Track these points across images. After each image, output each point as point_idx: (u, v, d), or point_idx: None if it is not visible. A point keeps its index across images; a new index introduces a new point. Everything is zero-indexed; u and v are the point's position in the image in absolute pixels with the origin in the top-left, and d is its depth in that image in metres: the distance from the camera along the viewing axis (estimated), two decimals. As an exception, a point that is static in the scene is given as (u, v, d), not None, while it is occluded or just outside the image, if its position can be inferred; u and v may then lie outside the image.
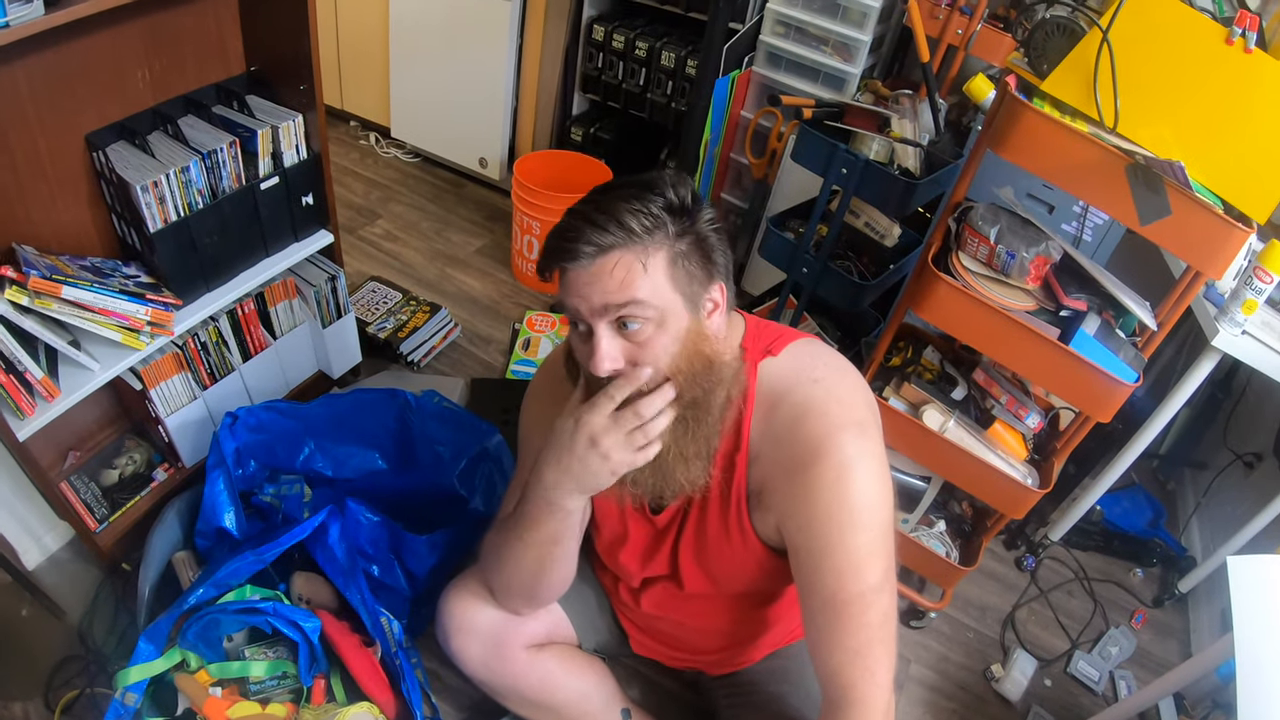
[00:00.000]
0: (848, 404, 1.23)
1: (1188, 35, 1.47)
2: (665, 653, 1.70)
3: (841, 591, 1.18)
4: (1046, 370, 1.74)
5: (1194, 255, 1.57)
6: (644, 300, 1.09)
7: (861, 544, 1.17)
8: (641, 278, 1.09)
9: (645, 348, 1.13)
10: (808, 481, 1.18)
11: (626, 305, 1.09)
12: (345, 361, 2.53)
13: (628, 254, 1.09)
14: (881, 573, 1.19)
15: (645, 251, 1.10)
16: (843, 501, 1.17)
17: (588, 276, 1.09)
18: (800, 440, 1.19)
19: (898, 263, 2.42)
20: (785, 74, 2.82)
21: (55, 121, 1.69)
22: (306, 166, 2.04)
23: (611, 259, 1.09)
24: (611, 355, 1.12)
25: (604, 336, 1.12)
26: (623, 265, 1.09)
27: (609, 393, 1.15)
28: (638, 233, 1.09)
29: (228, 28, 1.94)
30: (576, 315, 1.14)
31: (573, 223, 1.11)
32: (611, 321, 1.11)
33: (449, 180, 3.86)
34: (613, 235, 1.08)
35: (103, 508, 2.02)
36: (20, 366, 1.60)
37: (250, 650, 1.67)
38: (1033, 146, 1.57)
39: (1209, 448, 2.65)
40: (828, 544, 1.18)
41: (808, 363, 1.28)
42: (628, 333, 1.12)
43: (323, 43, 1.92)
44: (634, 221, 1.09)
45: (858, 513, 1.17)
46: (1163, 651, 2.29)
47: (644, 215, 1.10)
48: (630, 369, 1.14)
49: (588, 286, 1.10)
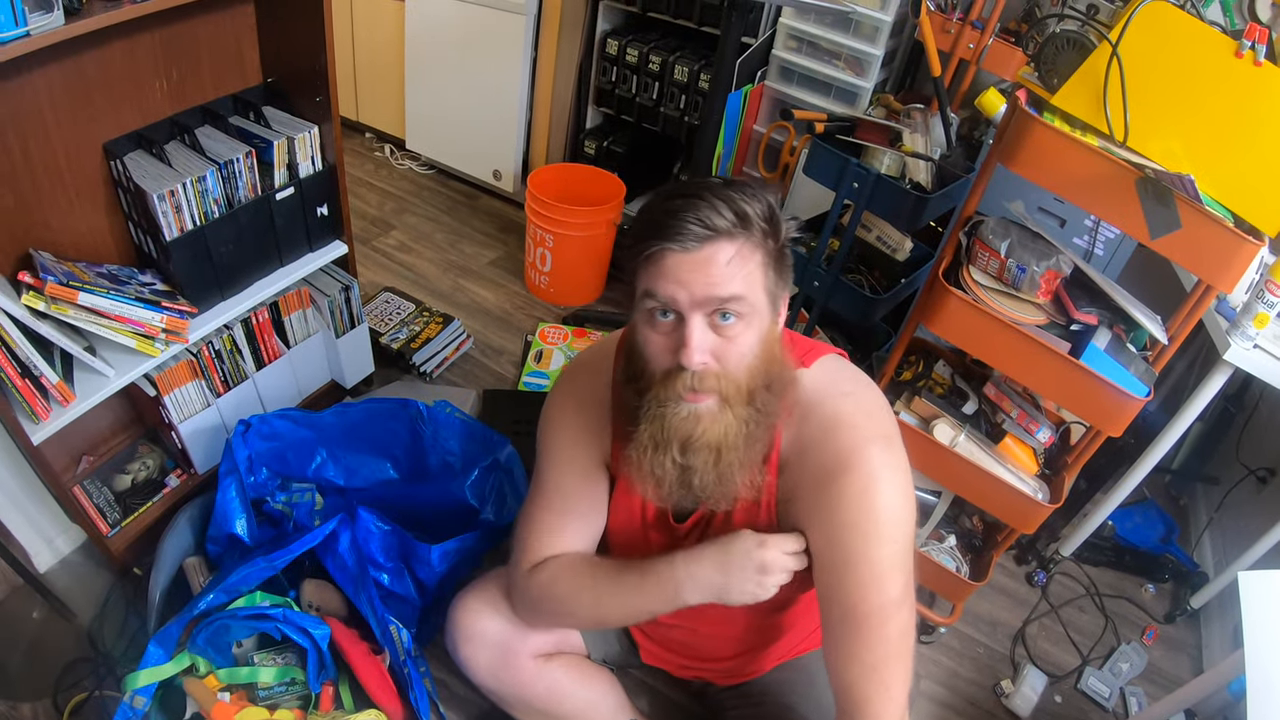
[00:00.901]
0: (877, 418, 1.25)
1: (1197, 48, 1.47)
2: (675, 662, 1.70)
3: (863, 603, 1.18)
4: (1057, 384, 1.74)
5: (1205, 269, 1.56)
6: (745, 296, 1.08)
7: (884, 556, 1.18)
8: (748, 272, 1.08)
9: (733, 343, 1.11)
10: (836, 492, 1.19)
11: (730, 300, 1.07)
12: (358, 371, 2.54)
13: (737, 243, 1.07)
14: (902, 587, 1.20)
15: (752, 245, 1.09)
16: (869, 513, 1.18)
17: (692, 262, 1.06)
18: (830, 452, 1.21)
19: (909, 277, 2.42)
20: (797, 88, 2.83)
21: (74, 130, 1.71)
22: (322, 177, 2.05)
23: (723, 246, 1.06)
24: (703, 348, 1.09)
25: (698, 328, 1.09)
26: (733, 255, 1.07)
27: (798, 536, 1.23)
28: (752, 222, 1.08)
29: (245, 39, 1.96)
30: (670, 303, 1.09)
31: (679, 204, 1.07)
32: (708, 314, 1.09)
33: (463, 192, 3.89)
34: (727, 220, 1.06)
35: (115, 512, 2.03)
36: (36, 371, 1.62)
37: (259, 656, 1.68)
38: (1043, 160, 1.57)
39: (1221, 463, 2.64)
40: (851, 555, 1.18)
41: (836, 376, 1.30)
42: (722, 326, 1.10)
43: (339, 55, 1.94)
44: (751, 210, 1.08)
45: (883, 525, 1.18)
46: (1174, 668, 2.28)
47: (757, 207, 1.09)
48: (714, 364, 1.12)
49: (691, 273, 1.06)
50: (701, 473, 1.18)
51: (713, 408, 1.14)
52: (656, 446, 1.17)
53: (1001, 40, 2.48)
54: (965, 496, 1.97)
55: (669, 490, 1.21)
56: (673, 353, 1.11)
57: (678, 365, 1.11)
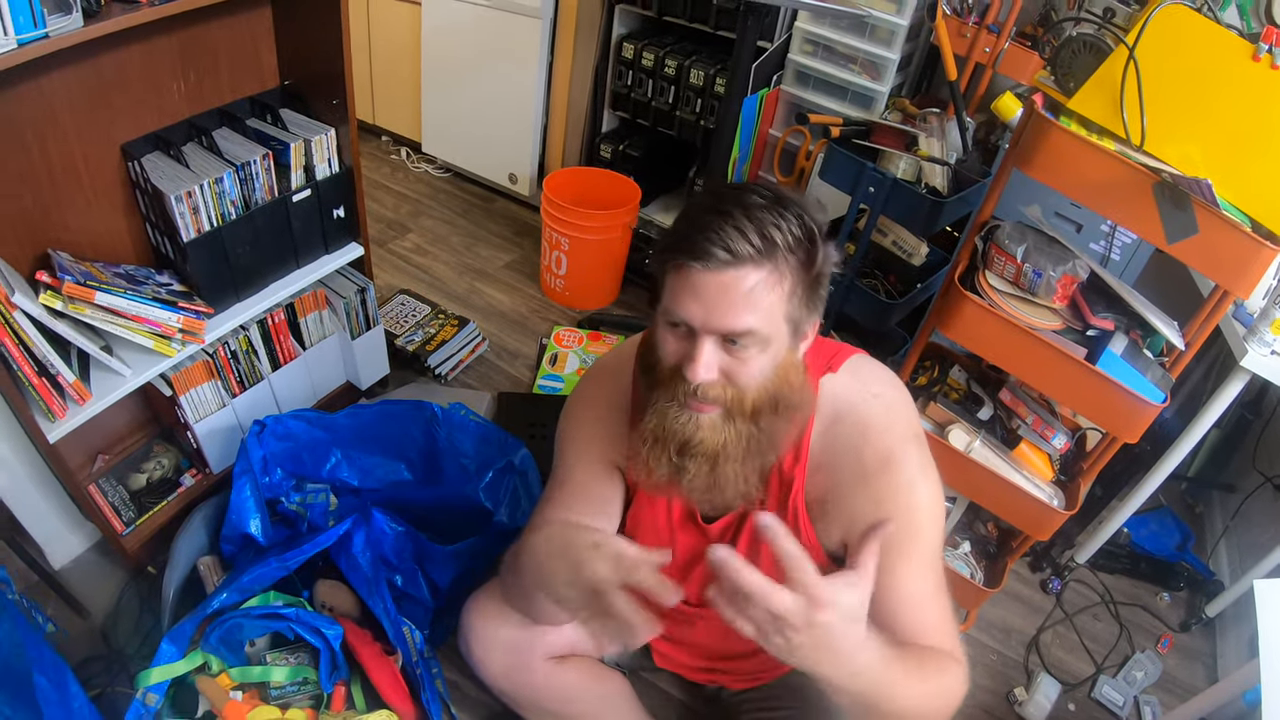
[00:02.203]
0: (906, 418, 1.28)
1: (1214, 52, 1.46)
2: (690, 665, 1.69)
3: (920, 588, 1.21)
4: (1073, 390, 1.73)
5: (1222, 274, 1.55)
6: (758, 329, 1.06)
7: (924, 551, 1.22)
8: (764, 304, 1.05)
9: (744, 365, 1.09)
10: (880, 489, 1.22)
11: (744, 333, 1.06)
12: (373, 373, 2.55)
13: (760, 273, 1.04)
14: (938, 580, 1.23)
15: (778, 274, 1.05)
16: (913, 510, 1.21)
17: (714, 285, 1.04)
18: (869, 451, 1.23)
19: (925, 281, 2.42)
20: (813, 92, 2.83)
21: (92, 131, 1.72)
22: (338, 180, 2.06)
23: (745, 274, 1.03)
24: (710, 366, 1.08)
25: (707, 348, 1.08)
26: (752, 285, 1.04)
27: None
28: (780, 249, 1.05)
29: (262, 42, 1.97)
30: (686, 320, 1.07)
31: (711, 219, 1.04)
32: (718, 336, 1.08)
33: (479, 195, 3.90)
34: (753, 247, 1.03)
35: (130, 511, 2.05)
36: (53, 369, 1.63)
37: (272, 655, 1.68)
38: (1059, 165, 1.57)
39: (1238, 470, 2.62)
40: (903, 543, 1.20)
41: (866, 377, 1.31)
42: (732, 348, 1.08)
43: (356, 58, 1.94)
44: (779, 237, 1.04)
45: (924, 522, 1.22)
46: (1189, 677, 2.26)
47: (787, 234, 1.05)
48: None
49: (711, 297, 1.04)
50: (694, 476, 1.18)
51: (715, 419, 1.14)
52: (656, 441, 1.18)
53: (1017, 44, 2.47)
54: (980, 503, 1.96)
55: (657, 482, 1.22)
56: (682, 358, 1.11)
57: (682, 373, 1.11)
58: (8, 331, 1.54)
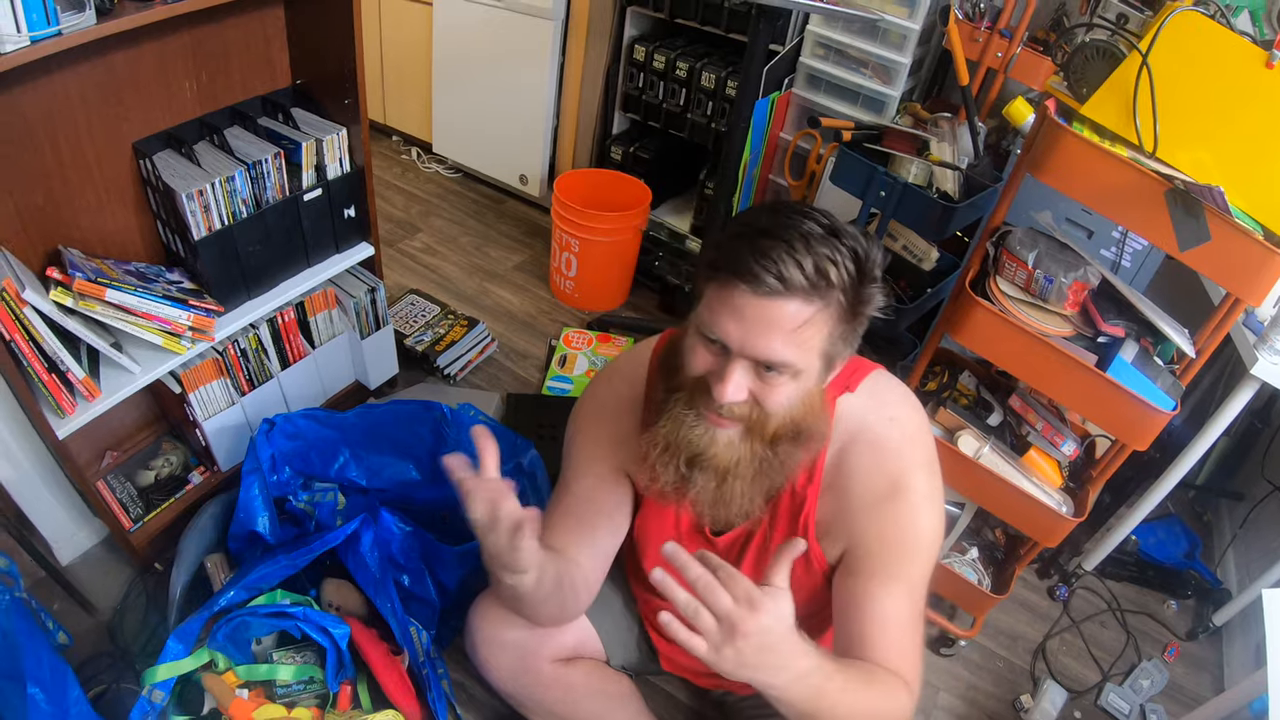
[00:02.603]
0: (920, 444, 1.28)
1: (1227, 59, 1.45)
2: (696, 670, 1.69)
3: (900, 615, 1.21)
4: (1083, 397, 1.73)
5: (1233, 282, 1.55)
6: (793, 364, 1.05)
7: (916, 576, 1.23)
8: (805, 339, 1.04)
9: (772, 391, 1.08)
10: (884, 514, 1.23)
11: (780, 365, 1.05)
12: (382, 373, 2.55)
13: (809, 309, 1.02)
14: (919, 609, 1.25)
15: (824, 312, 1.03)
16: (913, 537, 1.23)
17: (757, 310, 1.02)
18: (880, 477, 1.23)
19: (935, 286, 2.41)
20: (825, 96, 2.82)
21: (104, 128, 1.73)
22: (349, 179, 2.06)
23: (791, 306, 1.01)
24: (739, 388, 1.07)
25: (739, 370, 1.06)
26: (796, 318, 1.02)
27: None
28: (831, 285, 1.02)
29: (274, 42, 1.97)
30: (723, 339, 1.05)
31: (766, 243, 1.01)
32: (754, 363, 1.07)
33: (489, 196, 3.90)
34: (807, 280, 1.00)
35: (138, 507, 2.05)
36: (62, 366, 1.63)
37: (278, 654, 1.68)
38: (1072, 171, 1.56)
39: (1246, 478, 2.61)
40: (896, 569, 1.22)
41: (883, 398, 1.30)
42: (764, 374, 1.07)
43: (367, 58, 1.95)
44: (834, 274, 1.02)
45: (921, 549, 1.24)
46: (1195, 686, 2.25)
47: (842, 271, 1.02)
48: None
49: (752, 322, 1.02)
50: (700, 489, 1.18)
51: (733, 436, 1.14)
52: (666, 448, 1.17)
53: (1029, 49, 2.46)
54: (988, 509, 1.96)
55: (662, 489, 1.21)
56: (711, 374, 1.10)
57: (709, 387, 1.10)
58: (18, 328, 1.54)
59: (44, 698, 1.44)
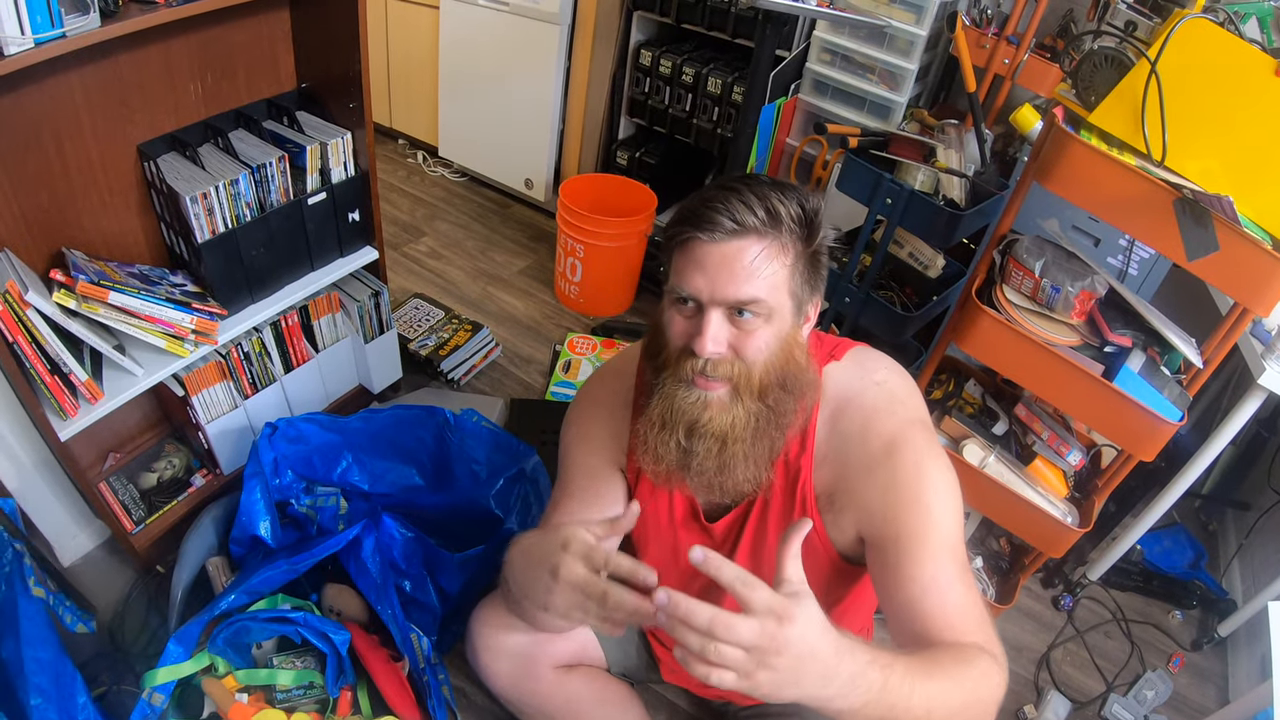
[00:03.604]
0: (912, 403, 1.27)
1: (1237, 67, 1.45)
2: (697, 680, 1.68)
3: (942, 573, 1.12)
4: (1090, 407, 1.72)
5: (1242, 292, 1.54)
6: (765, 299, 1.09)
7: (945, 532, 1.15)
8: (769, 273, 1.09)
9: (750, 338, 1.11)
10: (887, 473, 1.18)
11: (750, 302, 1.08)
12: (386, 377, 2.54)
13: (764, 243, 1.08)
14: (963, 563, 1.15)
15: (781, 246, 1.10)
16: (926, 488, 1.17)
17: (719, 256, 1.08)
18: (873, 437, 1.21)
19: (941, 294, 2.40)
20: (831, 102, 2.82)
21: (108, 131, 1.73)
22: (354, 183, 2.06)
23: (750, 243, 1.08)
24: (718, 339, 1.10)
25: (714, 320, 1.10)
26: (757, 254, 1.08)
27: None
28: (783, 222, 1.09)
29: (280, 45, 1.97)
30: (693, 293, 1.11)
31: (718, 194, 1.09)
32: (726, 308, 1.10)
33: (494, 200, 3.90)
34: (758, 217, 1.07)
35: (140, 510, 2.05)
36: (65, 368, 1.63)
37: (278, 659, 1.68)
38: (1080, 179, 1.56)
39: (1252, 488, 2.60)
40: (919, 529, 1.15)
41: (869, 366, 1.30)
42: (740, 320, 1.11)
43: (373, 62, 1.95)
44: (783, 210, 1.09)
45: (940, 500, 1.17)
46: (1200, 697, 2.24)
47: (791, 209, 1.10)
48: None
49: (716, 268, 1.08)
50: (702, 458, 1.18)
51: (723, 397, 1.15)
52: (663, 425, 1.18)
53: (1037, 56, 2.46)
54: (993, 519, 1.95)
55: (666, 469, 1.22)
56: (690, 336, 1.13)
57: (691, 348, 1.12)
58: (21, 329, 1.54)
59: (46, 705, 1.45)
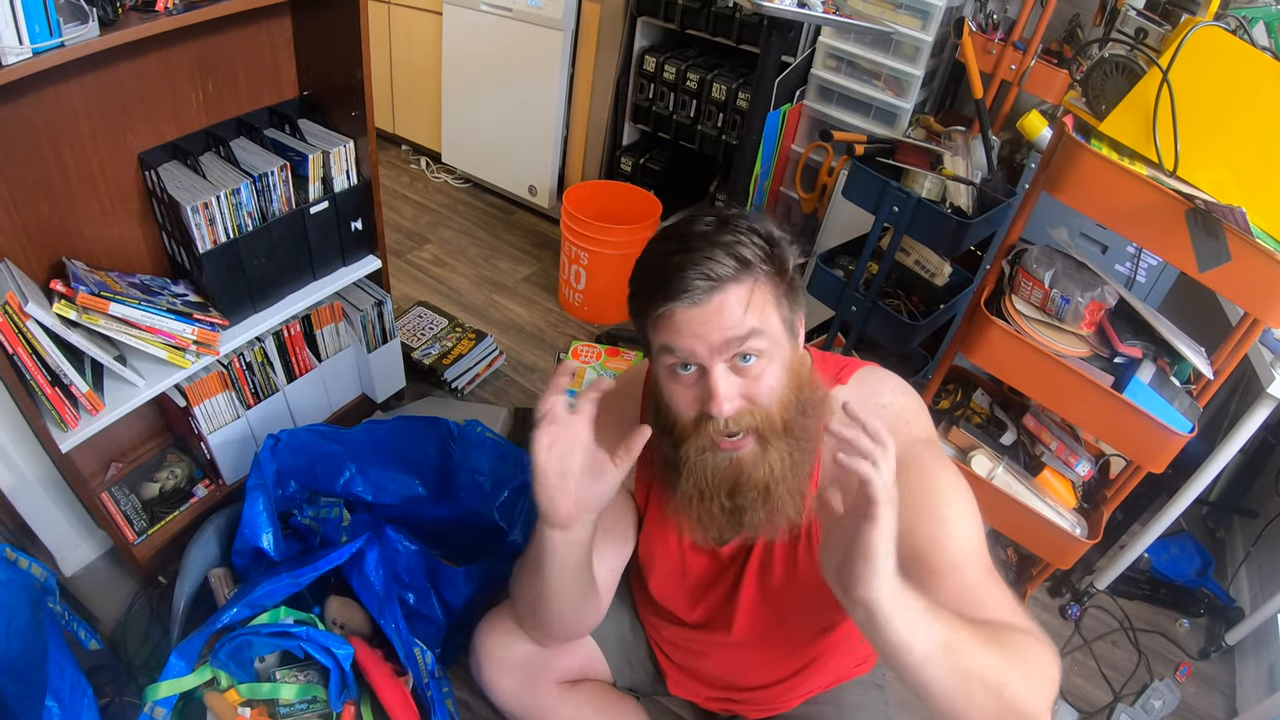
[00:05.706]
0: (916, 424, 1.25)
1: (1248, 75, 1.43)
2: (704, 694, 1.67)
3: (968, 580, 1.11)
4: (1099, 418, 1.71)
5: (1253, 302, 1.53)
6: (762, 330, 1.07)
7: (967, 536, 1.13)
8: (760, 309, 1.07)
9: (759, 382, 1.10)
10: (896, 493, 1.15)
11: (749, 338, 1.06)
12: (389, 386, 2.53)
13: (743, 286, 1.06)
14: (988, 565, 1.13)
15: (757, 283, 1.08)
16: (935, 496, 1.15)
17: (704, 315, 1.06)
18: None
19: (948, 302, 2.39)
20: (837, 108, 2.81)
21: (109, 140, 1.72)
22: (356, 192, 2.05)
23: (729, 292, 1.06)
24: (731, 395, 1.08)
25: (722, 377, 1.08)
26: (740, 297, 1.06)
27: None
28: (751, 262, 1.07)
29: (281, 52, 1.96)
30: (690, 357, 1.08)
31: (677, 260, 1.06)
32: (729, 359, 1.08)
33: (498, 207, 3.89)
34: (726, 266, 1.05)
35: (142, 520, 2.04)
36: (66, 379, 1.62)
37: (281, 673, 1.66)
38: (1091, 190, 1.54)
39: (1260, 495, 2.58)
40: (935, 541, 1.12)
41: (875, 388, 1.29)
42: (744, 368, 1.09)
43: (376, 68, 1.94)
44: (746, 251, 1.07)
45: (952, 505, 1.15)
46: (1207, 706, 2.22)
47: (749, 246, 1.07)
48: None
49: (705, 325, 1.06)
50: (752, 512, 1.16)
51: (754, 450, 1.13)
52: (702, 496, 1.16)
53: (1044, 61, 2.44)
54: (1001, 530, 1.94)
55: (718, 532, 1.20)
56: (701, 403, 1.10)
57: (708, 413, 1.10)
58: (21, 341, 1.53)
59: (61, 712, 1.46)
